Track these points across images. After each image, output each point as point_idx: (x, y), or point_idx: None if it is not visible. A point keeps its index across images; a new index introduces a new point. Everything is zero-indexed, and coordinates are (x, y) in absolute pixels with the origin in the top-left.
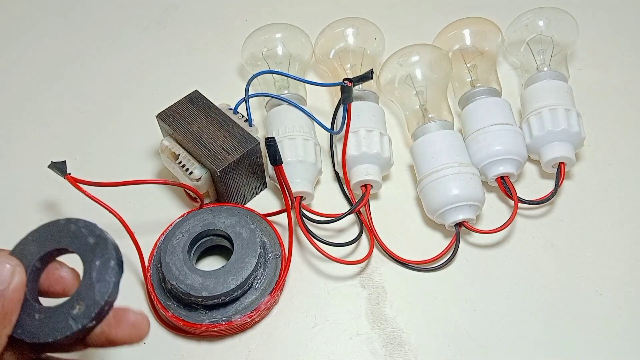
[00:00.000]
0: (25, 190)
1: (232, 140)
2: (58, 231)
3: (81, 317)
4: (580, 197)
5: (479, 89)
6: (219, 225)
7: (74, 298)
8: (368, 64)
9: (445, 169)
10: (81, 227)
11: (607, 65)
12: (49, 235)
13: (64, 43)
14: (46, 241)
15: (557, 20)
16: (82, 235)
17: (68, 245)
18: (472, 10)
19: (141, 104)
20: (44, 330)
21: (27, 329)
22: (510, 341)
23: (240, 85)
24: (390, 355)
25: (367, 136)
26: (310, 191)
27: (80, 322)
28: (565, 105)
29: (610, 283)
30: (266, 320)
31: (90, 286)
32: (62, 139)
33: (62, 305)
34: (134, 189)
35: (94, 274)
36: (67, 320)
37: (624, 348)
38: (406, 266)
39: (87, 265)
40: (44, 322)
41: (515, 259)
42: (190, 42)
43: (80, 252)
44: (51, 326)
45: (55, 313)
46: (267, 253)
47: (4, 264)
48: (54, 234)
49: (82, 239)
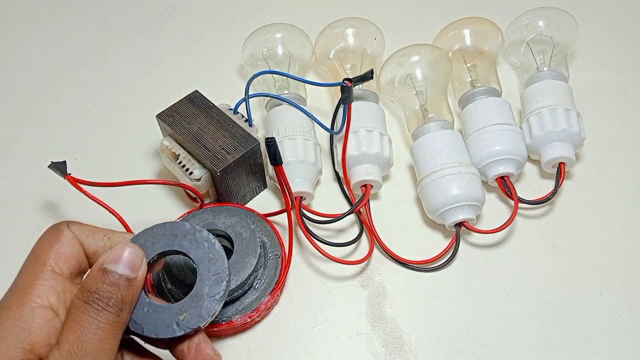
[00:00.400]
0: (25, 190)
1: (232, 140)
2: (182, 234)
3: (184, 325)
4: (580, 197)
5: (479, 89)
6: (219, 226)
7: (183, 305)
8: (368, 64)
9: (445, 169)
10: (204, 238)
11: (607, 65)
12: (173, 235)
13: (64, 43)
14: (169, 240)
15: (557, 20)
16: (203, 247)
17: (188, 250)
18: (472, 10)
19: (141, 104)
20: (149, 325)
21: (134, 319)
22: (510, 341)
23: (240, 85)
24: (390, 355)
25: (367, 136)
26: (310, 191)
27: (183, 329)
28: (565, 105)
29: (610, 283)
30: (266, 320)
31: (200, 299)
32: (62, 139)
33: (169, 307)
34: (134, 189)
35: (206, 289)
36: (172, 324)
37: (624, 348)
38: (406, 266)
39: (201, 277)
40: (151, 317)
41: (515, 259)
42: (190, 42)
43: (197, 262)
44: (156, 323)
45: (162, 312)
46: (267, 253)
47: (139, 254)
48: (177, 235)
49: (203, 250)
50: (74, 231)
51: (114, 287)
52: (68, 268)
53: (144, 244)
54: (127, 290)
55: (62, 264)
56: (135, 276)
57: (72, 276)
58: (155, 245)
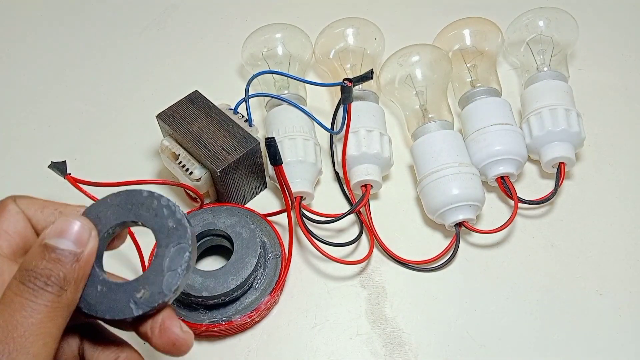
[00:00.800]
0: (26, 190)
1: (232, 141)
2: (139, 203)
3: (143, 304)
4: (580, 197)
5: (479, 89)
6: (219, 226)
7: (140, 281)
8: (368, 64)
9: (445, 169)
10: (163, 205)
11: (607, 65)
12: (128, 205)
13: (64, 43)
14: (124, 210)
15: (557, 20)
16: (162, 215)
17: (146, 220)
18: (472, 10)
19: (141, 104)
20: (104, 305)
21: (87, 300)
22: (510, 341)
23: (240, 85)
24: (390, 355)
25: (367, 136)
26: (310, 191)
27: (141, 308)
28: (565, 105)
29: (610, 283)
30: (266, 320)
31: (159, 273)
32: (62, 139)
33: (126, 284)
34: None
35: (166, 261)
36: (128, 303)
37: (624, 348)
38: (406, 266)
39: (161, 250)
40: (105, 296)
41: (515, 259)
42: (190, 42)
43: (156, 232)
44: (111, 304)
45: (117, 290)
46: (267, 253)
47: (85, 226)
48: (134, 204)
49: (161, 219)
50: (21, 206)
51: (55, 263)
52: (10, 246)
53: (97, 216)
54: (72, 267)
55: (2, 242)
56: (82, 251)
57: (16, 255)
58: (110, 217)
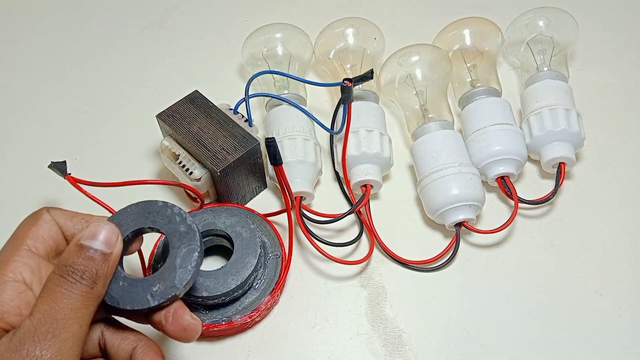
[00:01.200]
0: (25, 190)
1: (232, 141)
2: (155, 211)
3: (159, 296)
4: (580, 197)
5: (479, 89)
6: (219, 226)
7: (156, 277)
8: (368, 64)
9: (445, 169)
10: (176, 213)
11: (607, 65)
12: (146, 213)
13: (64, 43)
14: (142, 217)
15: (557, 20)
16: (174, 222)
17: (161, 226)
18: (472, 10)
19: (141, 104)
20: (125, 297)
21: (110, 293)
22: (510, 341)
23: (240, 85)
24: (390, 355)
25: (367, 136)
26: (310, 191)
27: (157, 299)
28: (565, 105)
29: (610, 283)
30: (266, 320)
31: (172, 270)
32: (62, 139)
33: (144, 280)
34: (134, 189)
35: (178, 260)
36: (146, 295)
37: (624, 348)
38: (406, 266)
39: (174, 250)
40: (126, 290)
41: (515, 259)
42: (190, 42)
43: (169, 236)
44: (132, 296)
45: (137, 285)
46: (267, 253)
47: (113, 230)
48: (150, 212)
49: (174, 225)
50: (53, 215)
51: (89, 261)
52: (44, 248)
53: (119, 222)
54: (102, 264)
55: (38, 244)
56: (111, 252)
57: (49, 256)
58: (130, 224)
